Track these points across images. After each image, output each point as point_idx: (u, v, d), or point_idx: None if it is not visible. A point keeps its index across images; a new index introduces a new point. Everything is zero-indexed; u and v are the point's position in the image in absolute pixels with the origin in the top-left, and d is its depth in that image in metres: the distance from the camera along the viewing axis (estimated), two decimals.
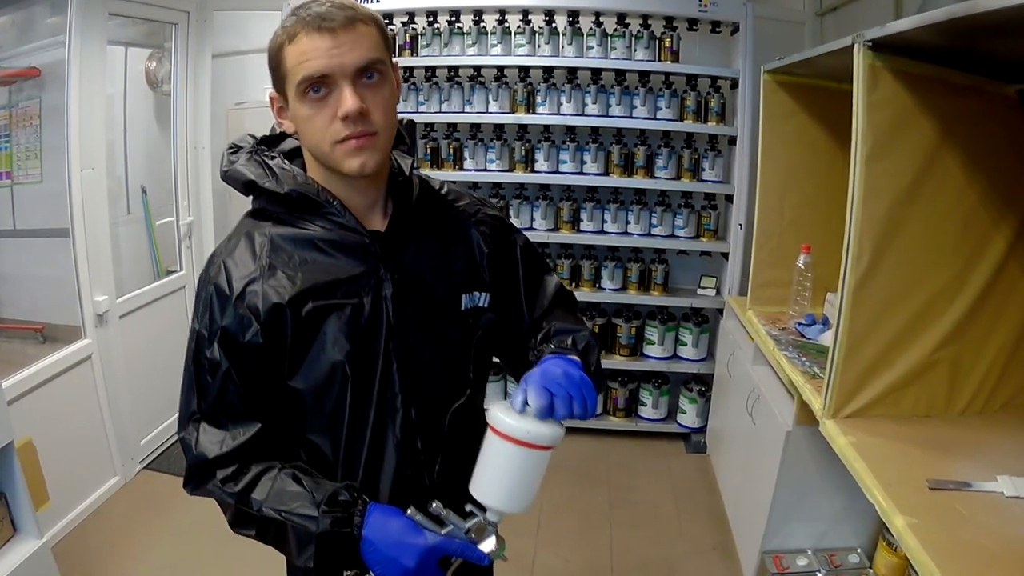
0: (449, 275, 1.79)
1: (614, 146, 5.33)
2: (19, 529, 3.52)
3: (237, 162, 1.69)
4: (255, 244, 1.65)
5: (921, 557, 1.93)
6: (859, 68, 2.39)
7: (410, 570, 1.52)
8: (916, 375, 2.70)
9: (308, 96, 1.53)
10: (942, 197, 2.57)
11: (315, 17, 1.50)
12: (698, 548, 4.44)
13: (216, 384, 1.62)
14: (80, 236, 4.50)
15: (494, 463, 1.56)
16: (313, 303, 1.62)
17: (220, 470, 1.62)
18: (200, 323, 1.64)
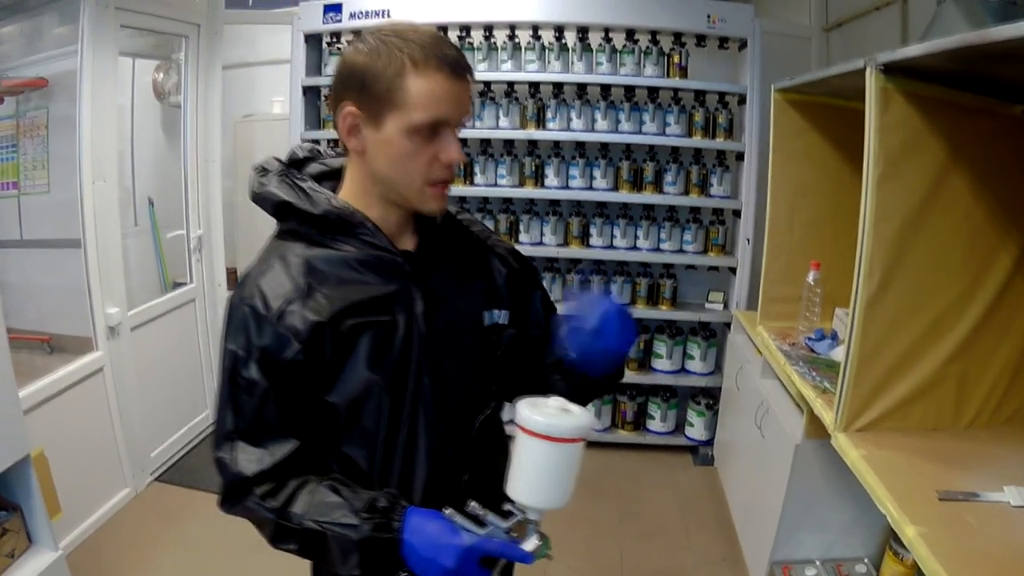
0: (472, 293, 1.86)
1: (623, 162, 5.37)
2: (35, 541, 3.54)
3: (268, 184, 1.73)
4: (290, 266, 1.68)
5: (932, 566, 1.97)
6: (871, 90, 2.42)
7: (450, 570, 1.53)
8: (924, 390, 2.73)
9: (419, 135, 1.58)
10: (950, 216, 2.60)
11: (452, 59, 1.56)
12: (707, 559, 4.48)
13: (253, 403, 1.65)
14: (92, 248, 4.52)
15: (526, 462, 1.58)
16: (351, 320, 1.65)
17: (258, 487, 1.64)
18: (235, 343, 1.66)
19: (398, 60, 1.54)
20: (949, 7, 2.97)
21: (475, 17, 5.27)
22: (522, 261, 2.05)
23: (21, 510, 3.50)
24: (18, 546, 3.46)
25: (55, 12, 4.80)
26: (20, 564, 3.44)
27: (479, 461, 1.87)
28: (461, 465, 1.82)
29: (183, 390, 5.72)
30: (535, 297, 2.05)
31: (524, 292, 2.02)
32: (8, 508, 3.46)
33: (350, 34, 5.52)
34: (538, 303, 2.06)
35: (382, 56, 1.56)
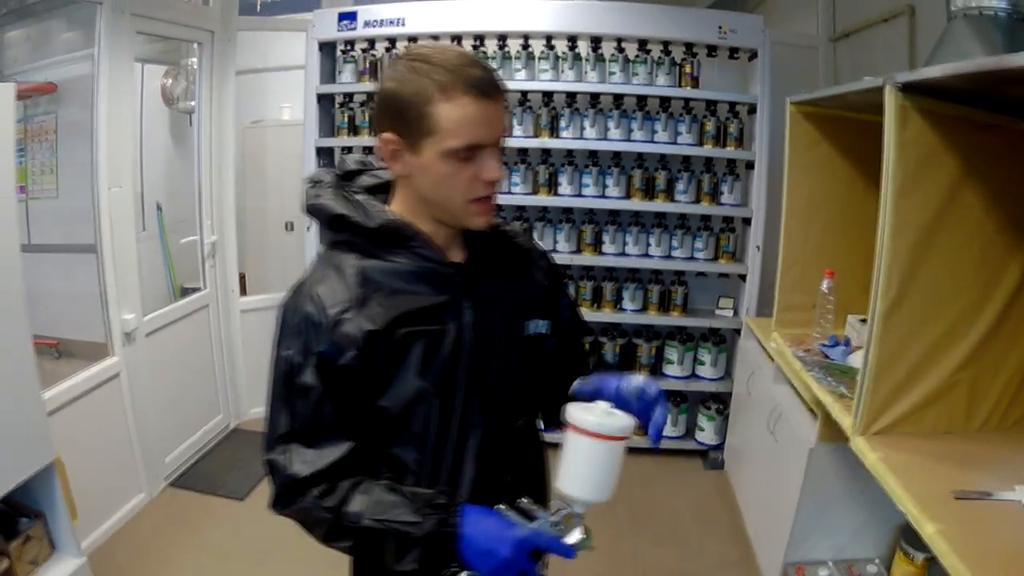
0: (517, 303, 1.94)
1: (636, 170, 5.43)
2: (58, 547, 3.58)
3: (323, 197, 1.78)
4: (345, 275, 1.73)
5: (952, 561, 2.04)
6: (890, 108, 2.47)
7: (506, 560, 1.62)
8: (938, 395, 2.79)
9: (455, 158, 1.62)
10: (963, 229, 2.66)
11: (479, 82, 1.60)
12: (721, 563, 4.53)
13: (309, 407, 1.70)
14: (108, 254, 4.55)
15: (577, 458, 1.68)
16: (404, 329, 1.71)
17: (314, 488, 1.69)
18: (291, 349, 1.71)
19: (425, 87, 1.60)
20: (959, 24, 3.01)
21: (489, 27, 5.31)
22: (555, 270, 2.14)
23: (44, 517, 3.54)
24: (41, 553, 3.50)
25: (64, 17, 4.87)
26: (43, 572, 3.49)
27: (519, 463, 1.95)
28: (503, 467, 1.89)
29: (196, 395, 5.76)
30: (563, 306, 2.13)
31: (556, 299, 2.10)
32: (30, 515, 3.50)
33: (365, 42, 5.60)
34: (565, 311, 2.14)
35: (411, 84, 1.61)
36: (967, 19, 2.97)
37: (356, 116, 5.66)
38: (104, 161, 4.47)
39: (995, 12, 2.92)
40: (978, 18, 2.95)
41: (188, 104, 5.93)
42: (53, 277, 4.89)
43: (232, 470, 5.47)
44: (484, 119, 1.62)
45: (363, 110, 5.65)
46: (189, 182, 5.81)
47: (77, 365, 4.45)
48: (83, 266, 4.65)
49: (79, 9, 4.67)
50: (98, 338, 4.69)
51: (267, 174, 6.67)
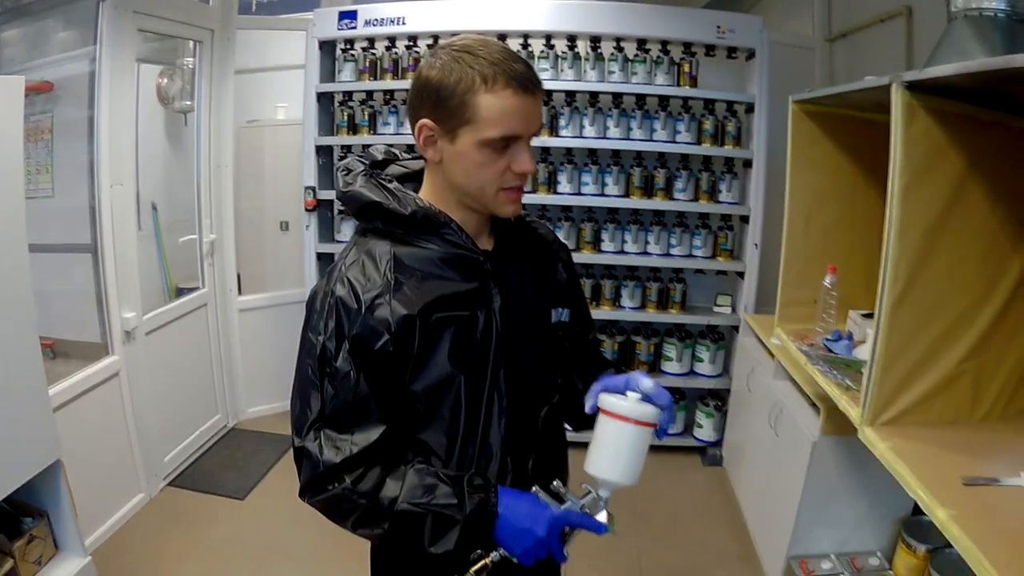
0: (542, 292, 1.99)
1: (635, 168, 5.47)
2: (61, 547, 3.60)
3: (355, 184, 1.82)
4: (379, 261, 1.76)
5: (965, 543, 2.08)
6: (897, 106, 2.51)
7: (542, 539, 1.70)
8: (944, 385, 2.83)
9: (491, 147, 1.66)
10: (968, 224, 2.70)
11: (521, 76, 1.64)
12: (722, 557, 4.58)
13: (343, 391, 1.71)
14: (109, 252, 4.57)
15: (609, 441, 1.76)
16: (437, 314, 1.74)
17: (348, 474, 1.70)
18: (324, 335, 1.72)
19: (469, 77, 1.62)
20: (959, 24, 3.05)
21: (489, 26, 5.31)
22: (572, 262, 2.19)
23: (48, 516, 3.56)
24: (45, 553, 3.52)
25: (61, 16, 4.84)
26: (48, 571, 3.51)
27: (542, 449, 1.98)
28: (527, 452, 1.93)
29: (195, 394, 5.79)
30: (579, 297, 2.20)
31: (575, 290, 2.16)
32: (34, 515, 3.52)
33: (365, 41, 5.62)
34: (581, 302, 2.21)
35: (454, 73, 1.63)
36: (967, 20, 3.02)
37: (356, 115, 5.69)
38: (106, 159, 4.49)
39: (995, 13, 2.96)
40: (978, 19, 2.99)
41: (183, 104, 5.93)
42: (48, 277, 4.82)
43: (231, 469, 5.49)
44: (523, 112, 1.65)
45: (362, 108, 5.68)
46: (184, 182, 5.85)
47: (72, 365, 4.46)
48: (78, 266, 4.68)
49: (76, 7, 4.67)
50: (93, 338, 4.70)
51: (262, 174, 6.68)
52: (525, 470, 1.91)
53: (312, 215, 5.71)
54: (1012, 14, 2.94)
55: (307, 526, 4.70)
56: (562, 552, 1.78)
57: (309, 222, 5.71)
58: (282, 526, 4.72)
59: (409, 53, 5.51)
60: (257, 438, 5.99)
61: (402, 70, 5.54)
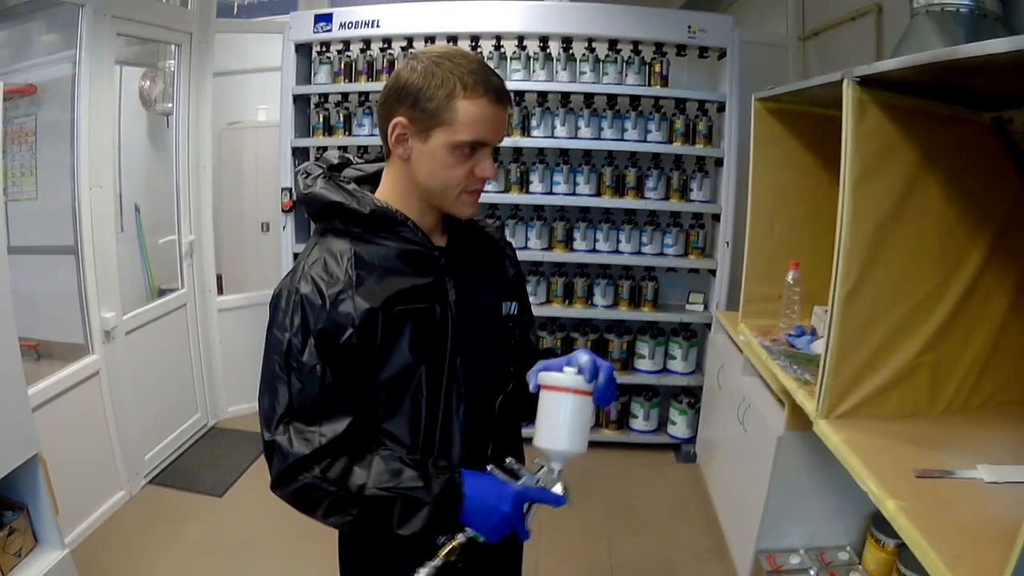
0: (494, 286, 2.07)
1: (606, 168, 5.50)
2: (40, 540, 3.61)
3: (315, 187, 1.89)
4: (339, 259, 1.82)
5: (912, 535, 2.10)
6: (848, 101, 2.55)
7: (508, 514, 1.78)
8: (901, 378, 2.86)
9: (460, 151, 1.75)
10: (923, 216, 2.73)
11: (497, 88, 1.74)
12: (694, 552, 4.59)
13: (310, 384, 1.76)
14: (88, 253, 4.60)
15: (554, 413, 1.82)
16: (398, 307, 1.81)
17: (317, 464, 1.74)
18: (290, 331, 1.77)
19: (451, 82, 1.70)
20: (922, 19, 3.07)
21: (462, 28, 5.37)
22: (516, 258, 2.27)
23: (27, 510, 3.57)
24: (25, 545, 3.53)
25: (43, 19, 4.86)
26: (27, 563, 3.52)
27: (500, 436, 2.03)
28: (486, 439, 1.98)
29: (175, 393, 5.79)
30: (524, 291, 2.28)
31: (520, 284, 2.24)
32: (14, 508, 3.53)
33: (340, 44, 5.65)
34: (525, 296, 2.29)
35: (436, 77, 1.71)
36: (929, 15, 3.04)
37: (331, 116, 5.71)
38: (85, 161, 4.52)
39: (956, 8, 2.98)
40: (940, 14, 3.01)
41: (166, 106, 5.94)
42: (32, 279, 4.87)
43: (210, 467, 5.51)
44: (494, 122, 1.75)
45: (338, 111, 5.70)
46: (167, 184, 5.83)
47: (56, 366, 4.46)
48: (63, 268, 4.68)
49: (59, 11, 4.69)
50: (78, 339, 4.71)
51: (244, 175, 6.69)
52: (484, 457, 1.93)
53: (289, 216, 5.73)
54: (975, 8, 2.96)
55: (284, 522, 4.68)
56: (524, 528, 1.84)
57: (286, 223, 5.73)
58: (259, 522, 4.75)
59: (383, 55, 5.53)
60: (236, 436, 6.01)
61: (376, 72, 5.56)
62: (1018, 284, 2.97)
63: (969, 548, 2.02)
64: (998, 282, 2.95)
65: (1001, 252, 2.91)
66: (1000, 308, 2.98)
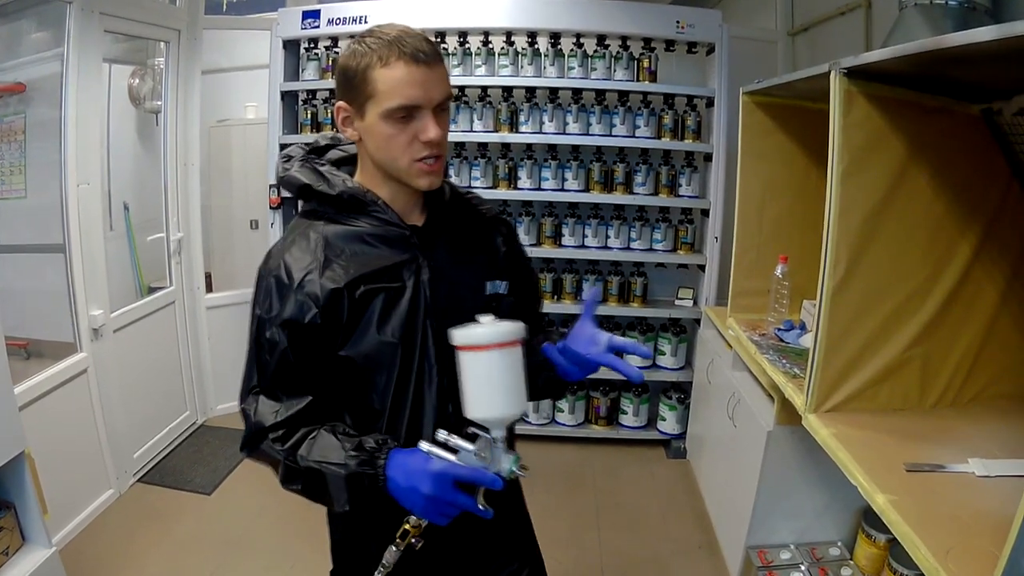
0: (475, 264, 2.05)
1: (594, 163, 5.48)
2: (28, 539, 3.60)
3: (291, 169, 1.94)
4: (310, 241, 1.88)
5: (903, 529, 2.10)
6: (835, 93, 2.54)
7: (428, 496, 1.68)
8: (890, 372, 2.86)
9: (394, 119, 1.75)
10: (912, 209, 2.73)
11: (412, 50, 1.72)
12: (684, 547, 4.59)
13: (274, 362, 1.84)
14: (76, 251, 4.58)
15: (472, 377, 1.69)
16: (365, 287, 1.84)
17: (273, 433, 1.82)
18: (261, 309, 1.86)
19: (368, 56, 1.73)
20: (911, 12, 3.08)
21: (450, 23, 5.37)
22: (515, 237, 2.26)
23: (15, 508, 3.56)
24: (12, 544, 3.51)
25: (33, 17, 4.85)
26: (15, 562, 3.50)
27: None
28: (460, 419, 1.88)
29: (164, 391, 5.78)
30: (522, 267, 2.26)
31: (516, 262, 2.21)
32: (2, 507, 3.52)
33: (328, 40, 5.64)
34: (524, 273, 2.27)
35: (356, 55, 1.76)
36: (918, 8, 3.05)
37: (319, 113, 5.70)
38: (72, 158, 4.51)
39: (945, 1, 2.99)
40: (928, 7, 3.02)
41: (155, 104, 5.96)
42: (22, 277, 4.92)
43: (199, 465, 5.50)
44: (418, 82, 1.73)
45: (326, 107, 5.69)
46: (155, 182, 5.81)
47: (46, 364, 4.46)
48: (52, 266, 4.66)
49: (48, 9, 4.69)
50: (67, 338, 4.70)
51: (232, 173, 6.69)
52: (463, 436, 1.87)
53: (277, 213, 5.70)
54: (963, 1, 2.97)
55: (272, 520, 4.73)
56: (476, 505, 1.72)
57: (274, 220, 5.71)
58: (247, 520, 4.75)
59: None
60: (225, 434, 6.00)
61: None
62: (1009, 277, 2.96)
63: (960, 542, 2.01)
64: (988, 275, 2.94)
65: (991, 244, 2.90)
66: (991, 301, 2.98)
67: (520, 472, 1.71)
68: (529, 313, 2.21)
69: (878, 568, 3.39)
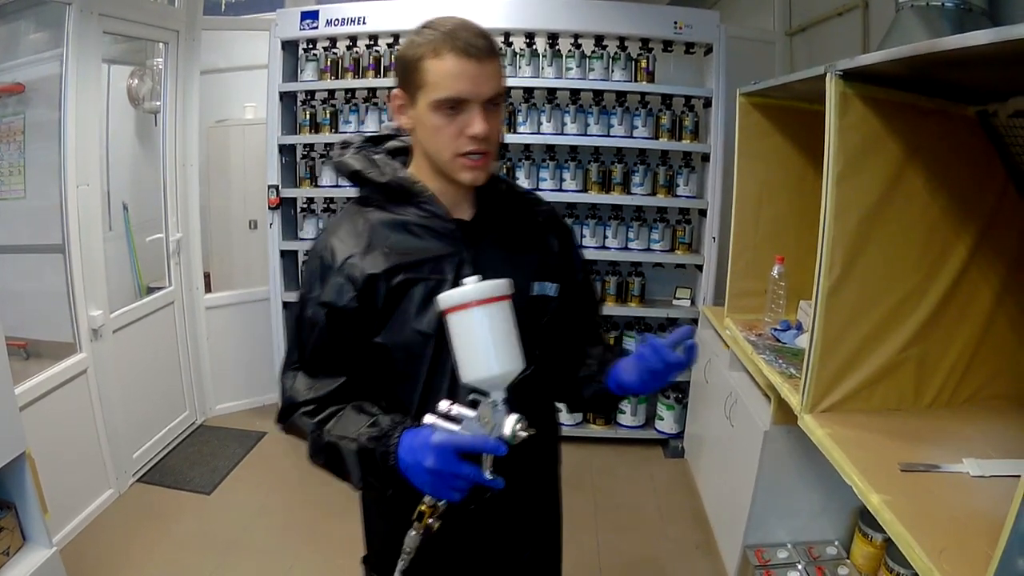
0: (523, 263, 2.02)
1: (592, 164, 5.49)
2: (29, 538, 3.61)
3: (346, 155, 2.00)
4: (358, 226, 1.93)
5: (897, 529, 2.11)
6: (831, 95, 2.56)
7: (432, 470, 1.64)
8: (886, 372, 2.88)
9: (442, 110, 1.76)
10: (907, 210, 2.74)
11: (464, 43, 1.73)
12: (682, 547, 4.59)
13: (312, 341, 1.91)
14: (76, 251, 4.58)
15: (464, 338, 1.68)
16: (403, 275, 1.88)
17: (304, 408, 1.89)
18: (305, 288, 1.94)
19: (422, 47, 1.75)
20: (907, 14, 3.09)
21: None
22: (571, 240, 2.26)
23: (15, 508, 3.57)
24: (13, 544, 3.52)
25: (31, 18, 4.86)
26: (15, 562, 3.51)
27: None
28: None
29: (163, 392, 5.78)
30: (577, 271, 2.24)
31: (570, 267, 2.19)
32: (2, 507, 3.53)
33: (326, 41, 5.64)
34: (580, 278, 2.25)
35: (412, 45, 1.78)
36: (914, 9, 3.06)
37: (317, 113, 5.71)
38: (72, 159, 4.51)
39: (942, 3, 3.00)
40: (925, 8, 3.03)
41: (154, 104, 5.96)
42: (21, 278, 4.93)
43: (198, 465, 5.51)
44: (466, 75, 1.74)
45: (324, 107, 5.70)
46: (154, 182, 5.81)
47: (46, 365, 4.46)
48: (51, 266, 4.67)
49: (47, 10, 4.70)
50: (67, 338, 4.71)
51: (231, 173, 6.69)
52: None
53: (275, 213, 5.71)
54: (960, 3, 2.99)
55: (272, 520, 4.74)
56: (483, 476, 1.67)
57: (273, 220, 5.72)
58: (247, 520, 4.76)
59: (369, 52, 5.54)
60: (224, 434, 6.01)
61: (363, 69, 5.57)
62: (1004, 278, 2.98)
63: (954, 542, 2.03)
64: (984, 276, 2.95)
65: (987, 246, 2.91)
66: (986, 302, 2.99)
67: (523, 433, 1.66)
68: (585, 320, 2.26)
69: (875, 567, 3.40)
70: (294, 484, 5.25)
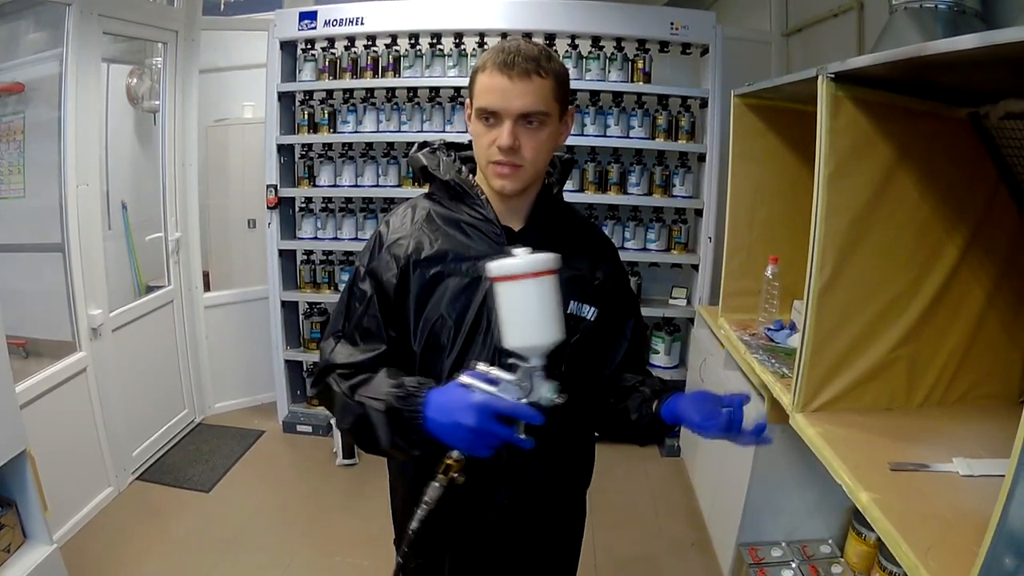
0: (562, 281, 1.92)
1: (589, 164, 5.52)
2: (29, 536, 3.63)
3: (420, 153, 2.16)
4: (415, 213, 2.11)
5: (885, 526, 2.14)
6: (822, 97, 2.58)
7: (472, 428, 1.67)
8: (877, 371, 2.90)
9: (481, 119, 1.92)
10: (898, 211, 2.76)
11: (504, 60, 1.86)
12: (677, 545, 4.62)
13: (360, 310, 2.03)
14: (75, 250, 4.61)
15: (509, 308, 1.72)
16: (441, 267, 2.00)
17: (339, 371, 1.98)
18: (360, 261, 2.09)
19: (479, 61, 1.93)
20: (900, 16, 3.10)
21: (446, 25, 5.39)
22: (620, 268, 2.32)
23: (16, 506, 3.59)
24: (14, 541, 3.54)
25: (31, 18, 4.86)
26: (16, 559, 3.53)
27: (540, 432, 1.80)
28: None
29: (162, 390, 5.81)
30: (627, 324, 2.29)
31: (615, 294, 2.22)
32: (3, 504, 3.55)
33: (325, 41, 5.66)
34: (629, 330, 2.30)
35: (480, 58, 1.94)
36: (908, 12, 3.07)
37: (316, 113, 5.72)
38: (72, 159, 4.54)
39: (935, 5, 3.01)
40: (918, 11, 3.04)
41: (153, 103, 5.97)
42: (20, 277, 4.91)
43: (197, 463, 5.53)
44: (499, 90, 1.86)
45: (322, 108, 5.72)
46: (154, 181, 5.83)
47: (45, 364, 4.48)
48: (50, 265, 4.69)
49: (46, 10, 4.70)
50: (66, 337, 4.72)
51: (230, 172, 6.70)
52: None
53: (274, 212, 5.74)
54: (953, 4, 2.99)
55: (270, 518, 4.77)
56: (517, 436, 1.71)
57: (271, 219, 5.75)
58: (246, 518, 4.79)
59: (367, 53, 5.56)
60: (223, 432, 6.04)
61: (360, 69, 5.59)
62: (995, 278, 2.99)
63: (942, 540, 2.04)
64: (975, 276, 2.97)
65: (978, 247, 2.93)
66: (977, 302, 3.00)
67: (558, 398, 1.72)
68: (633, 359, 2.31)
69: (868, 566, 3.43)
70: (292, 482, 5.29)
